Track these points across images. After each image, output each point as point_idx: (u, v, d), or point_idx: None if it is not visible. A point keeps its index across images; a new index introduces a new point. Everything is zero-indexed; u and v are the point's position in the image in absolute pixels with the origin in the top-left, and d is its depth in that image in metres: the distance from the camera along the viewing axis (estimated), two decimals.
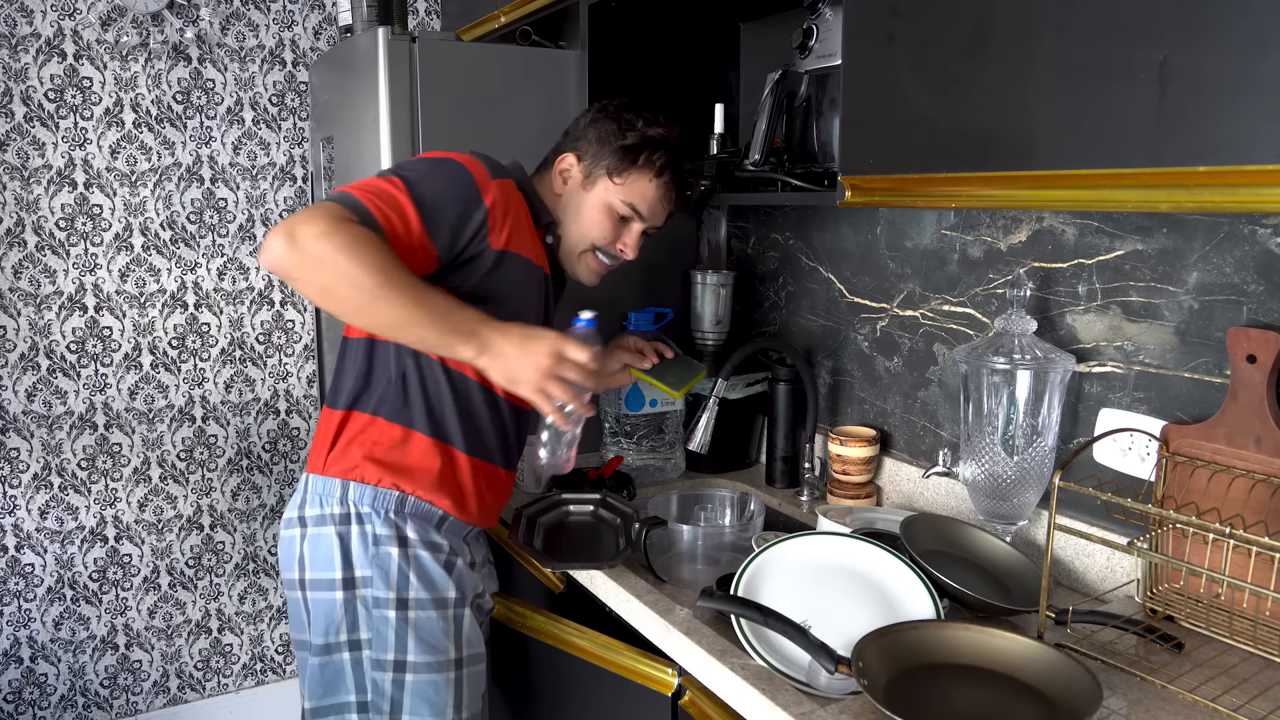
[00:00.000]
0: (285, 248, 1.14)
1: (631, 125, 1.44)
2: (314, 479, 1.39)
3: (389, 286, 1.16)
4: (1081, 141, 1.00)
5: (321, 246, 1.14)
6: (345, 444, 1.37)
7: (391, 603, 1.34)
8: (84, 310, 2.39)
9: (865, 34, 1.26)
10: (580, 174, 1.46)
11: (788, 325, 1.97)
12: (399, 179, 1.26)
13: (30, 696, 2.47)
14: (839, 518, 1.52)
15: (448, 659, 1.37)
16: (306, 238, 1.14)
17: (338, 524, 1.35)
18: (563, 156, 1.47)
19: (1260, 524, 1.14)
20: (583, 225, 1.46)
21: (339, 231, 1.14)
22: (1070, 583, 1.41)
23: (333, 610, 1.35)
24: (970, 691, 1.07)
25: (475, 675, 1.42)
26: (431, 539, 1.37)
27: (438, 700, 1.36)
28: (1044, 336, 1.41)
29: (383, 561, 1.34)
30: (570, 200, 1.46)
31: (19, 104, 2.26)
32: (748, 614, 1.16)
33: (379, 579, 1.34)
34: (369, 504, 1.34)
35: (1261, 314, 1.18)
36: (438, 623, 1.36)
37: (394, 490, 1.35)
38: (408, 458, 1.35)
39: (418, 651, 1.34)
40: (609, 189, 1.44)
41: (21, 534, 2.40)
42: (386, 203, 1.22)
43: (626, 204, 1.45)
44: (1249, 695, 1.06)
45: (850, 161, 1.30)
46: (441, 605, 1.36)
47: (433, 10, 2.68)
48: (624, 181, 1.44)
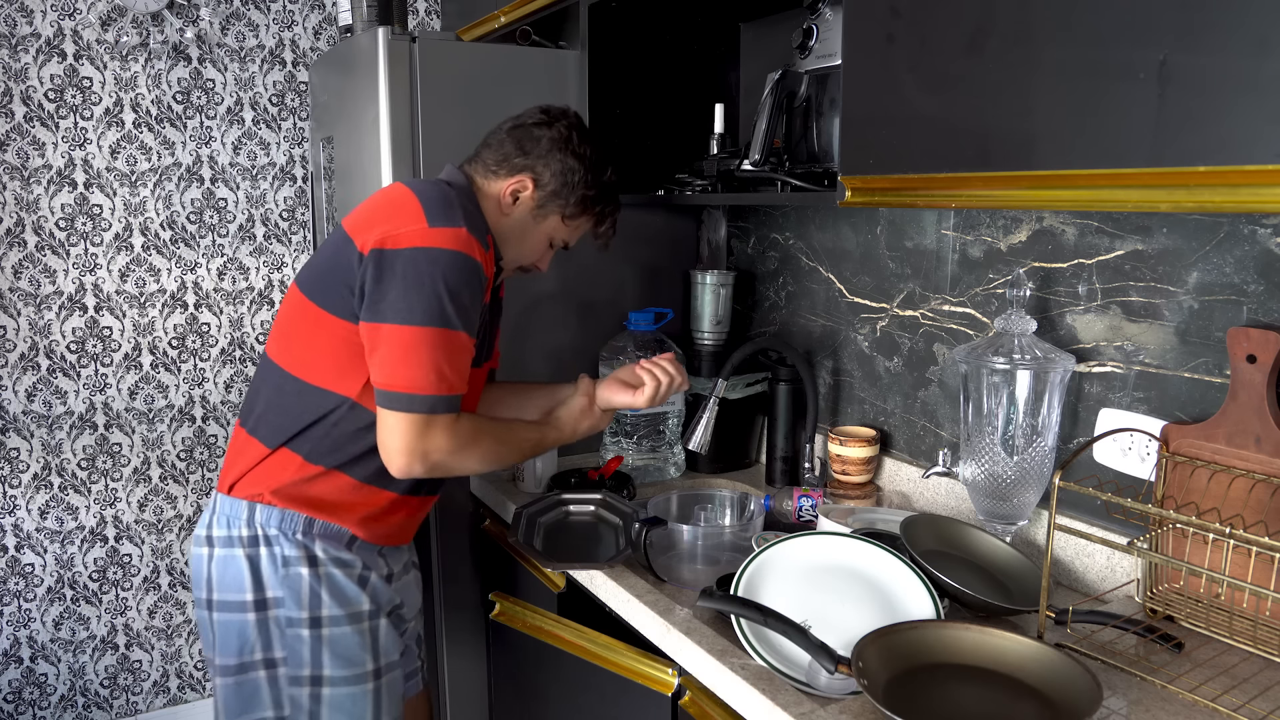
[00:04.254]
0: (426, 469, 1.31)
1: (598, 172, 1.45)
2: (221, 499, 1.40)
3: (503, 460, 1.42)
4: (1082, 141, 1.00)
5: (448, 464, 1.33)
6: (260, 474, 1.38)
7: (305, 621, 1.36)
8: (84, 310, 2.39)
9: (865, 34, 1.26)
10: (532, 203, 1.44)
11: (788, 325, 1.97)
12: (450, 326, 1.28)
13: (30, 696, 2.47)
14: (839, 518, 1.52)
15: (365, 670, 1.39)
16: (433, 466, 1.32)
17: (246, 546, 1.37)
18: (519, 179, 1.43)
19: (1260, 524, 1.14)
20: (523, 252, 1.49)
21: (455, 451, 1.31)
22: (1070, 583, 1.41)
23: (245, 630, 1.37)
24: (970, 691, 1.07)
25: (393, 682, 1.45)
26: (341, 556, 1.39)
27: (356, 711, 1.39)
28: (1044, 336, 1.41)
29: (293, 582, 1.36)
30: (513, 225, 1.45)
31: (19, 104, 2.26)
32: (748, 614, 1.16)
33: (290, 599, 1.36)
34: (276, 526, 1.36)
35: (1261, 314, 1.18)
36: (353, 636, 1.38)
37: (300, 514, 1.36)
38: (319, 491, 1.37)
39: (334, 666, 1.37)
40: (557, 227, 1.48)
41: (21, 534, 2.40)
42: (451, 364, 1.29)
43: (564, 240, 1.51)
44: (1249, 695, 1.06)
45: (850, 161, 1.30)
46: (356, 619, 1.39)
47: (433, 10, 2.68)
48: (574, 224, 1.49)
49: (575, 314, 2.03)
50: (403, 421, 1.28)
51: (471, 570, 2.00)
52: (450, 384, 1.29)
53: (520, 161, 1.43)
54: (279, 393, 1.38)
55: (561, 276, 2.00)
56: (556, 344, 2.01)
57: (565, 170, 1.43)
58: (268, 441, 1.37)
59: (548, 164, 1.43)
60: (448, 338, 1.28)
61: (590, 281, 2.04)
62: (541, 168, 1.43)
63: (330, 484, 1.37)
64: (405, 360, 1.27)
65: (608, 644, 1.41)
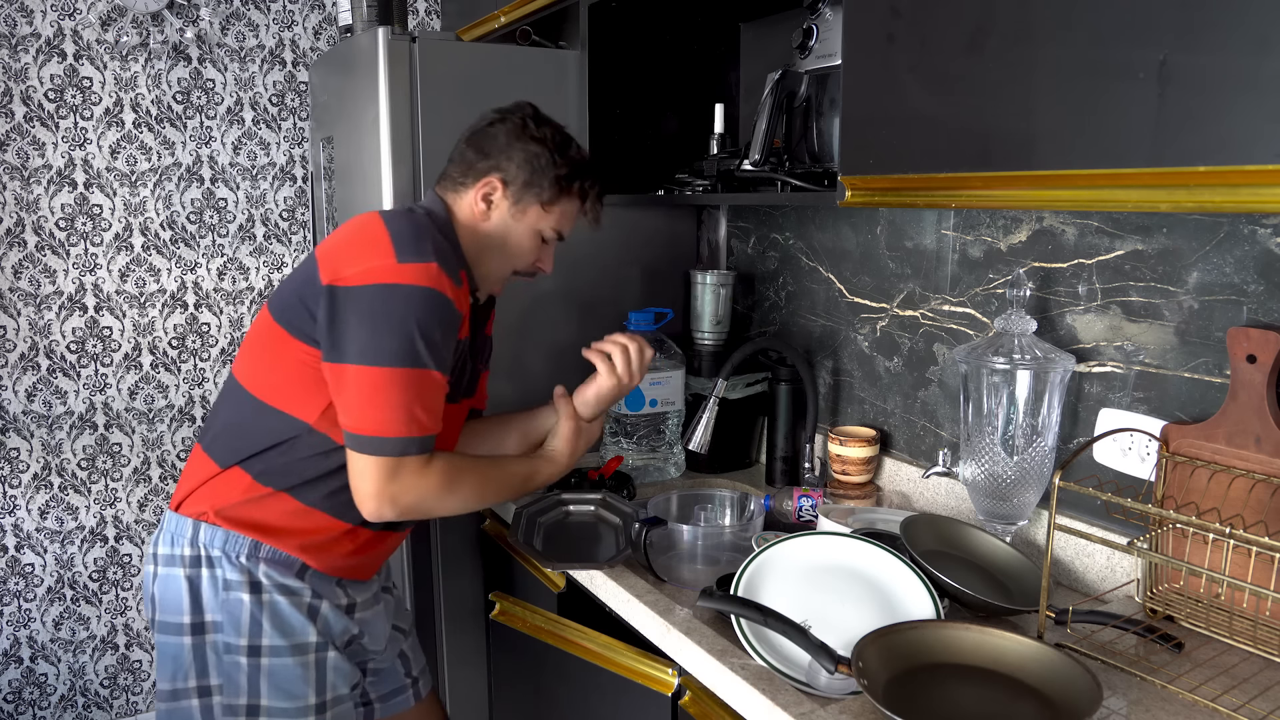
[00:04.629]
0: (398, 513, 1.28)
1: (563, 151, 1.40)
2: (169, 516, 1.36)
3: (490, 499, 1.40)
4: (1082, 141, 1.00)
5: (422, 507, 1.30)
6: (207, 491, 1.34)
7: (243, 649, 1.30)
8: (84, 310, 2.39)
9: (865, 34, 1.26)
10: (507, 200, 1.40)
11: (788, 325, 1.97)
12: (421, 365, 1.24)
13: (30, 696, 2.47)
14: (839, 518, 1.52)
15: (306, 704, 1.32)
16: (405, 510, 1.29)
17: (187, 566, 1.31)
18: (486, 181, 1.39)
19: (1260, 524, 1.14)
20: (509, 255, 1.43)
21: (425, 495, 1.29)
22: (1070, 583, 1.41)
23: (180, 655, 1.32)
24: (970, 691, 1.07)
25: (341, 715, 1.37)
26: (288, 584, 1.32)
27: None
28: (1044, 336, 1.41)
29: (233, 607, 1.30)
30: (496, 228, 1.41)
31: (19, 104, 2.26)
32: (748, 614, 1.16)
33: (229, 625, 1.30)
34: (219, 548, 1.30)
35: (1261, 314, 1.18)
36: (294, 669, 1.31)
37: (245, 536, 1.31)
38: (262, 514, 1.32)
39: (272, 697, 1.31)
40: (540, 218, 1.42)
41: (21, 534, 2.40)
42: (423, 404, 1.26)
43: (554, 230, 1.44)
44: (1249, 695, 1.06)
45: (850, 161, 1.30)
46: (300, 651, 1.32)
47: (433, 10, 2.68)
48: (556, 210, 1.42)
49: (575, 314, 2.03)
50: (371, 465, 1.24)
51: (471, 570, 2.00)
52: (422, 425, 1.25)
53: (483, 164, 1.40)
54: (238, 412, 1.34)
55: (561, 276, 2.00)
56: (556, 344, 2.01)
57: (529, 158, 1.38)
58: (220, 460, 1.33)
59: (510, 157, 1.39)
60: (420, 377, 1.24)
61: (590, 281, 2.04)
62: (505, 162, 1.39)
63: (275, 507, 1.32)
64: (373, 402, 1.23)
65: (608, 644, 1.41)
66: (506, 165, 1.39)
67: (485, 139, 1.41)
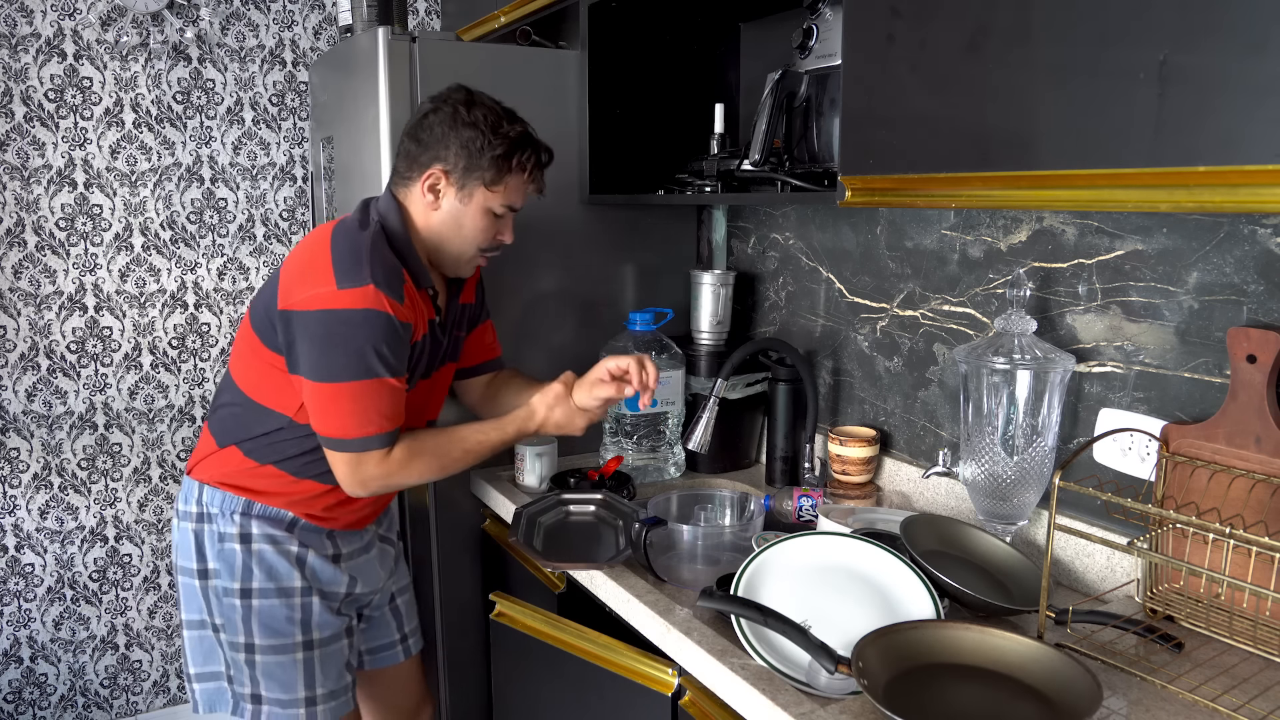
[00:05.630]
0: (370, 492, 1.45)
1: (496, 130, 1.44)
2: (185, 479, 1.57)
3: (443, 470, 1.49)
4: (1082, 141, 1.00)
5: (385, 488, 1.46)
6: (210, 463, 1.52)
7: (237, 593, 1.48)
8: (84, 310, 2.39)
9: (865, 34, 1.26)
10: (453, 188, 1.45)
11: (788, 325, 1.97)
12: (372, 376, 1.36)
13: (30, 696, 2.47)
14: (839, 518, 1.52)
15: (293, 641, 1.50)
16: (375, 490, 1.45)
17: (194, 521, 1.51)
18: (429, 172, 1.45)
19: (1260, 524, 1.14)
20: (466, 238, 1.49)
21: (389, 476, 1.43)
22: (1070, 583, 1.41)
23: (194, 594, 1.52)
24: (970, 691, 1.07)
25: (329, 655, 1.54)
26: (274, 534, 1.49)
27: (286, 678, 1.50)
28: (1044, 336, 1.41)
29: (228, 557, 1.49)
30: (447, 216, 1.47)
31: (19, 104, 2.26)
32: (748, 614, 1.16)
33: (225, 571, 1.49)
34: (218, 506, 1.49)
35: (1261, 314, 1.18)
36: (280, 610, 1.49)
37: (240, 497, 1.49)
38: (257, 481, 1.49)
39: (262, 635, 1.49)
40: (487, 198, 1.47)
41: (21, 534, 2.40)
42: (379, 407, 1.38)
43: (505, 206, 1.49)
44: (1249, 695, 1.06)
45: (850, 161, 1.30)
46: (285, 594, 1.49)
47: (433, 10, 2.68)
48: (501, 188, 1.47)
49: (575, 314, 2.03)
50: (338, 459, 1.42)
51: (471, 570, 2.00)
52: (379, 425, 1.39)
53: (424, 156, 1.45)
54: (232, 404, 1.51)
55: (561, 276, 2.01)
56: (556, 344, 2.01)
57: (465, 143, 1.43)
58: (219, 440, 1.51)
59: (447, 145, 1.43)
60: (372, 387, 1.37)
61: (590, 281, 2.04)
62: (443, 151, 1.44)
63: (265, 475, 1.49)
64: (331, 412, 1.38)
65: (608, 644, 1.41)
66: (445, 154, 1.44)
67: (422, 131, 1.46)
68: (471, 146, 1.43)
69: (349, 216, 1.48)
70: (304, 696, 1.51)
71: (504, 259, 1.93)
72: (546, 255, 1.98)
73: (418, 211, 1.47)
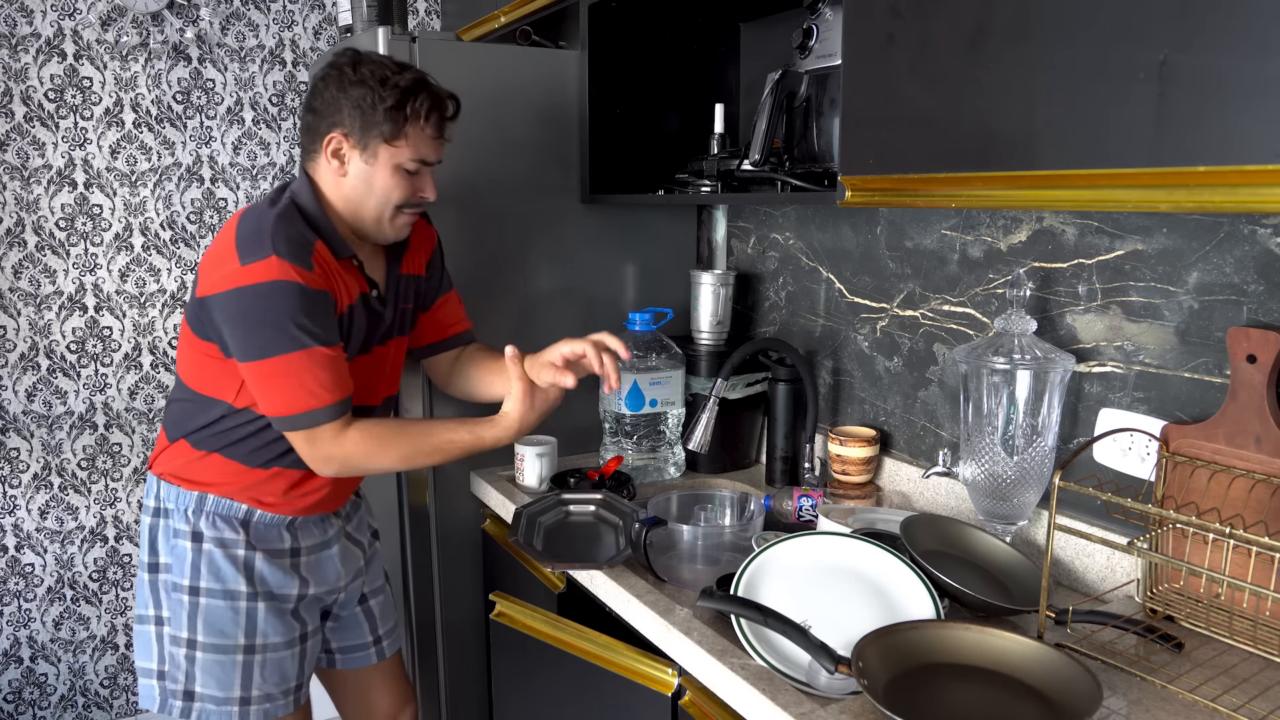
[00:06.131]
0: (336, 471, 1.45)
1: (385, 83, 1.39)
2: (148, 474, 1.58)
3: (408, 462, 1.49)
4: (1082, 141, 1.00)
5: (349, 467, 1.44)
6: (164, 458, 1.53)
7: (185, 589, 1.49)
8: (84, 310, 2.39)
9: (865, 34, 1.26)
10: (355, 150, 1.42)
11: (788, 325, 1.97)
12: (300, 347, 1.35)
13: (30, 696, 2.47)
14: (839, 518, 1.52)
15: (235, 644, 1.50)
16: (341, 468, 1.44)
17: (151, 515, 1.53)
18: (329, 138, 1.42)
19: (1260, 524, 1.14)
20: (380, 198, 1.45)
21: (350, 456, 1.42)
22: (1070, 583, 1.41)
23: (143, 587, 1.54)
24: (970, 691, 1.07)
25: (273, 662, 1.53)
26: (223, 536, 1.49)
27: (224, 677, 1.50)
28: (1044, 336, 1.41)
29: (179, 553, 1.50)
30: (356, 179, 1.43)
31: (19, 104, 2.26)
32: (748, 614, 1.16)
33: (176, 567, 1.50)
34: (173, 502, 1.51)
35: (1261, 314, 1.18)
36: (226, 612, 1.49)
37: (194, 491, 1.49)
38: (205, 471, 1.49)
39: (206, 633, 1.49)
40: (391, 154, 1.42)
41: (21, 534, 2.40)
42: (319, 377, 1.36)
43: (414, 160, 1.44)
44: (1249, 695, 1.06)
45: (850, 161, 1.30)
46: (231, 597, 1.49)
47: (433, 10, 2.68)
48: (403, 141, 1.42)
49: (575, 314, 2.03)
50: (295, 439, 1.42)
51: (471, 570, 2.00)
52: (321, 396, 1.37)
53: (322, 125, 1.43)
54: (179, 398, 1.52)
55: (561, 276, 2.01)
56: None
57: (356, 101, 1.39)
58: (170, 435, 1.53)
59: (340, 108, 1.40)
60: (303, 358, 1.35)
61: (590, 281, 2.04)
62: (338, 115, 1.41)
63: (215, 465, 1.49)
64: (270, 389, 1.38)
65: (608, 644, 1.41)
66: (339, 117, 1.41)
67: (315, 99, 1.44)
68: (363, 104, 1.39)
69: (261, 198, 1.46)
70: (239, 696, 1.50)
71: (504, 259, 1.93)
72: (546, 255, 1.98)
73: (328, 183, 1.45)
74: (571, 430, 1.98)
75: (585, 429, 2.01)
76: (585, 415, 1.98)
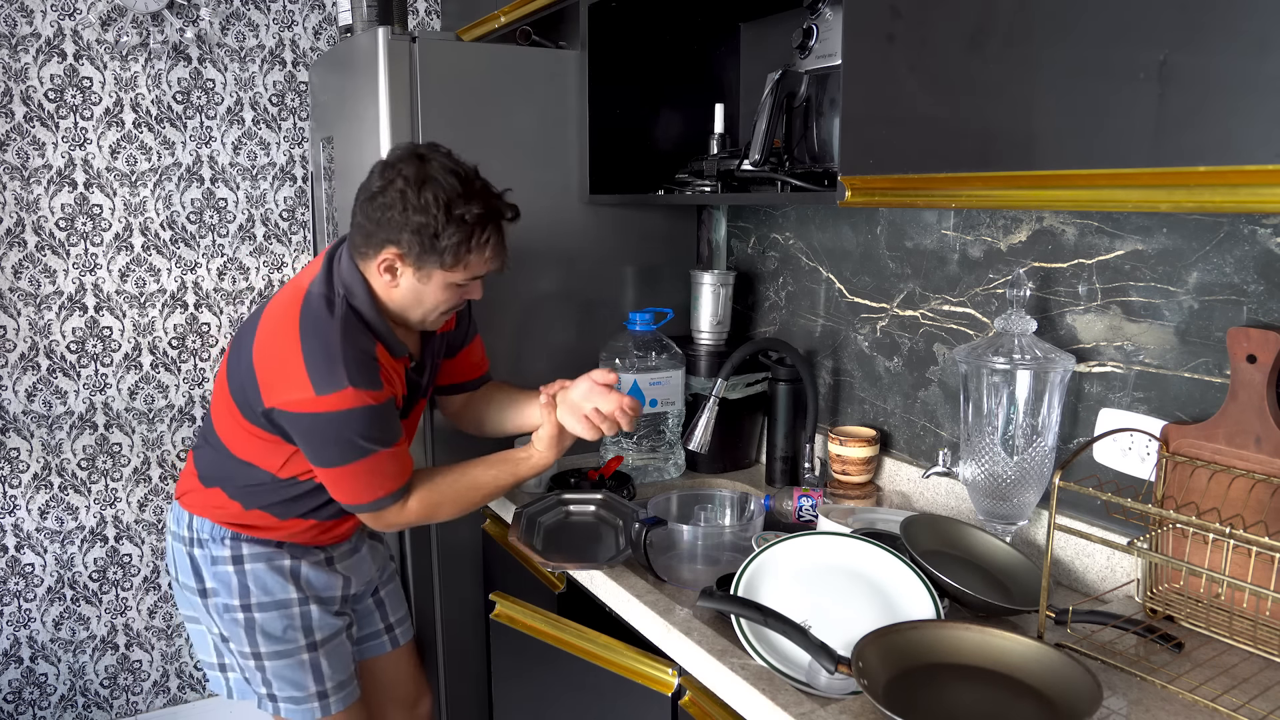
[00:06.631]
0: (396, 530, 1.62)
1: (450, 214, 1.36)
2: (174, 503, 1.63)
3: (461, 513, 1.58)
4: (1082, 141, 1.00)
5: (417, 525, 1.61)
6: (195, 498, 1.58)
7: (237, 608, 1.56)
8: (84, 310, 2.39)
9: (865, 34, 1.26)
10: (410, 269, 1.41)
11: (788, 325, 1.97)
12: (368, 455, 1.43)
13: (30, 696, 2.47)
14: (839, 518, 1.52)
15: (298, 645, 1.58)
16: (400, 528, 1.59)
17: (187, 545, 1.59)
18: (383, 256, 1.40)
19: (1260, 524, 1.14)
20: (428, 308, 1.47)
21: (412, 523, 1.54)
22: (1070, 583, 1.41)
23: (198, 610, 1.61)
24: (970, 691, 1.07)
25: (333, 651, 1.62)
26: (266, 553, 1.56)
27: (295, 678, 1.58)
28: (1044, 336, 1.41)
29: (224, 578, 1.56)
30: (409, 294, 1.44)
31: (19, 104, 2.26)
32: (748, 614, 1.16)
33: (224, 590, 1.56)
34: (207, 533, 1.57)
35: (1261, 314, 1.18)
36: (280, 620, 1.56)
37: (229, 529, 1.56)
38: (243, 518, 1.56)
39: (267, 644, 1.56)
40: (446, 276, 1.42)
41: (21, 534, 2.40)
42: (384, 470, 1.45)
43: (466, 279, 1.45)
44: (1249, 695, 1.06)
45: (850, 161, 1.30)
46: (284, 605, 1.57)
47: (433, 10, 2.68)
48: (460, 268, 1.42)
49: (575, 314, 2.03)
50: (361, 515, 1.52)
51: (471, 570, 2.00)
52: (386, 487, 1.47)
53: (379, 236, 1.40)
54: (216, 451, 1.55)
55: (562, 276, 2.01)
56: (557, 344, 2.01)
57: (419, 229, 1.36)
58: (203, 479, 1.57)
59: (401, 230, 1.37)
60: (372, 462, 1.43)
61: (590, 281, 2.04)
62: (397, 234, 1.38)
63: (253, 516, 1.56)
64: (339, 487, 1.47)
65: (608, 644, 1.41)
66: (399, 237, 1.38)
67: (375, 209, 1.39)
68: (424, 234, 1.36)
69: (314, 293, 1.42)
70: (315, 691, 1.59)
71: None
72: (546, 255, 1.98)
73: (379, 286, 1.44)
74: None
75: None
76: None
